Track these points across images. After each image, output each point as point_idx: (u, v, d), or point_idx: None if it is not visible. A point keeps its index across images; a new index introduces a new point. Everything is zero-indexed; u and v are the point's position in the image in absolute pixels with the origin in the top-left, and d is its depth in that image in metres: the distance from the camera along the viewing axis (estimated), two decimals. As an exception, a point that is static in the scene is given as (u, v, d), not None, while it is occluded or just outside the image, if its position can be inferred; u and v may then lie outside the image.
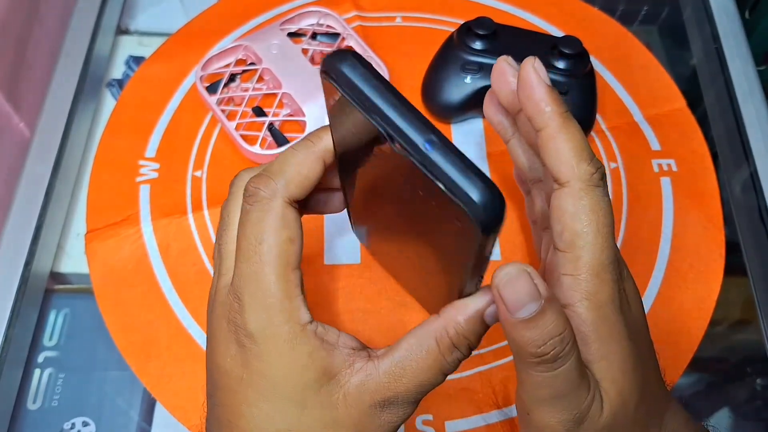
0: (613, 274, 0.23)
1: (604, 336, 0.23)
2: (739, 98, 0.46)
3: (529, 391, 0.23)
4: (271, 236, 0.22)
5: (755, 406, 0.38)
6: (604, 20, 0.51)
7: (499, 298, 0.21)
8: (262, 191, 0.23)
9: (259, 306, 0.22)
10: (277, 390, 0.22)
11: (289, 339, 0.22)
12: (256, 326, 0.22)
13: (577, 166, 0.24)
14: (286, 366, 0.22)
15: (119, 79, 0.49)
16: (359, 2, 0.51)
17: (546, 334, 0.21)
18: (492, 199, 0.18)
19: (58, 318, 0.39)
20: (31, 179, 0.42)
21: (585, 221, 0.23)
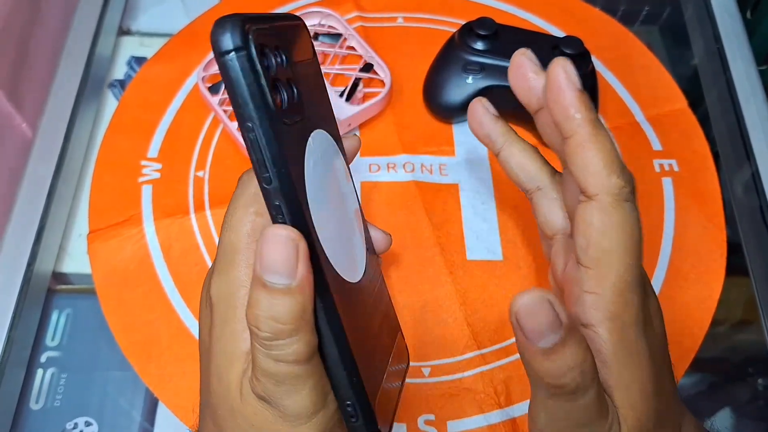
0: (639, 295, 0.22)
1: (626, 360, 0.22)
2: (741, 98, 0.46)
3: (545, 422, 0.22)
4: (239, 210, 0.23)
5: (757, 406, 0.38)
6: (605, 20, 0.51)
7: (518, 327, 0.20)
8: (245, 176, 0.25)
9: (220, 271, 0.23)
10: (214, 347, 0.23)
11: (238, 302, 0.22)
12: (216, 291, 0.23)
13: (608, 178, 0.22)
14: (229, 332, 0.23)
15: (121, 79, 0.49)
16: (361, 3, 0.51)
17: (566, 366, 0.20)
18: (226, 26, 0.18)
19: (61, 318, 0.39)
20: (33, 180, 0.42)
21: (614, 238, 0.22)
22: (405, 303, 0.38)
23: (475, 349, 0.36)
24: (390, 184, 0.42)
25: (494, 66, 0.42)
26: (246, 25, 0.18)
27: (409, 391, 0.35)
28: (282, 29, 0.21)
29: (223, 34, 0.18)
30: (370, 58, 0.46)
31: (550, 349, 0.19)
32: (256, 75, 0.18)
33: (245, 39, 0.18)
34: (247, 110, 0.18)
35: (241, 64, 0.18)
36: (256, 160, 0.19)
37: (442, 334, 0.37)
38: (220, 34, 0.18)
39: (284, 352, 0.20)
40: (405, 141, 0.44)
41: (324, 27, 0.48)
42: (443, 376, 0.36)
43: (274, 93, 0.19)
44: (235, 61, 0.18)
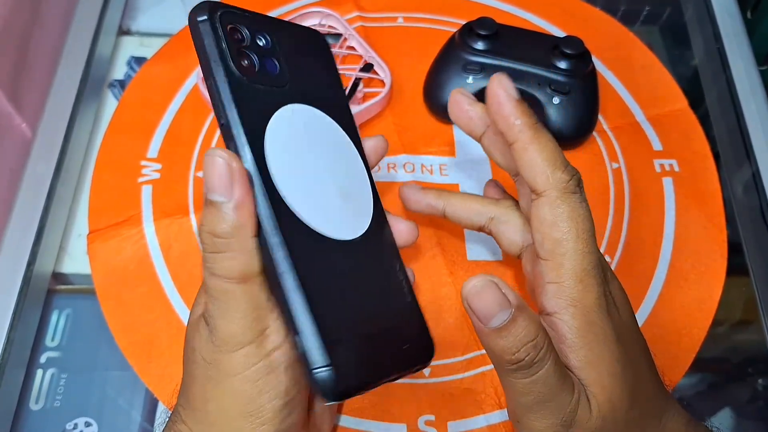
0: (597, 278, 0.24)
1: (591, 342, 0.23)
2: (741, 98, 0.46)
3: (514, 399, 0.23)
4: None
5: (757, 406, 0.38)
6: (606, 20, 0.51)
7: (470, 310, 0.22)
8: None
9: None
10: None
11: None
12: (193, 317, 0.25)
13: (552, 175, 0.24)
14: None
15: (121, 79, 0.49)
16: (361, 3, 0.51)
17: (519, 341, 0.21)
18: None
19: (60, 318, 0.39)
20: (32, 180, 0.42)
21: (564, 228, 0.24)
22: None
23: (475, 349, 0.36)
24: (390, 184, 0.42)
25: (494, 66, 0.42)
26: (214, 6, 0.24)
27: (409, 391, 0.35)
28: (268, 23, 0.27)
29: (196, 9, 0.24)
30: (370, 58, 0.46)
31: (501, 328, 0.21)
32: (216, 37, 0.23)
33: (212, 13, 0.23)
34: (206, 64, 0.23)
35: (203, 28, 0.23)
36: (214, 104, 0.24)
37: (443, 335, 0.37)
38: (194, 9, 0.24)
39: (218, 265, 0.23)
40: (405, 141, 0.44)
41: (324, 27, 0.48)
42: (444, 377, 0.36)
43: (239, 57, 0.24)
44: (198, 26, 0.23)
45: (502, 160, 0.29)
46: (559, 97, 0.41)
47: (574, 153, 0.44)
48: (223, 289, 0.23)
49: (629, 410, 0.23)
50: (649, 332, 0.37)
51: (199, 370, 0.24)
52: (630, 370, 0.24)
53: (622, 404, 0.23)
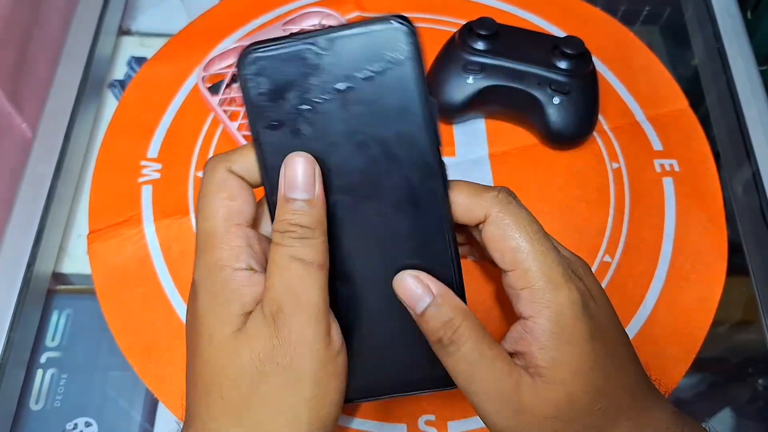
0: (566, 275, 0.24)
1: (560, 343, 0.24)
2: (741, 98, 0.46)
3: (461, 385, 0.25)
4: (210, 197, 0.25)
5: (757, 406, 0.38)
6: (606, 20, 0.51)
7: (401, 300, 0.25)
8: (208, 165, 0.26)
9: (201, 257, 0.25)
10: (199, 324, 0.25)
11: (219, 281, 0.24)
12: (198, 274, 0.25)
13: (482, 199, 0.25)
14: (210, 303, 0.25)
15: (121, 79, 0.49)
16: (361, 3, 0.51)
17: (439, 323, 0.24)
18: (398, 17, 0.23)
19: (61, 319, 0.39)
20: (33, 180, 0.42)
21: (516, 235, 0.25)
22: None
23: (475, 349, 0.36)
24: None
25: (495, 66, 0.42)
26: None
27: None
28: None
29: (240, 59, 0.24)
30: (371, 58, 0.46)
31: (424, 312, 0.25)
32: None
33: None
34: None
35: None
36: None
37: (443, 335, 0.37)
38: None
39: (301, 249, 0.24)
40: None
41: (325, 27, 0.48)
42: (444, 377, 0.36)
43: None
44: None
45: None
46: (559, 97, 0.41)
47: (574, 153, 0.44)
48: (306, 274, 0.24)
49: (592, 404, 0.24)
50: (649, 332, 0.37)
51: (245, 373, 0.24)
52: (600, 367, 0.24)
53: (583, 398, 0.24)
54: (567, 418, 0.24)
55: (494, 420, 0.25)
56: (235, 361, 0.24)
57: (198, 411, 0.25)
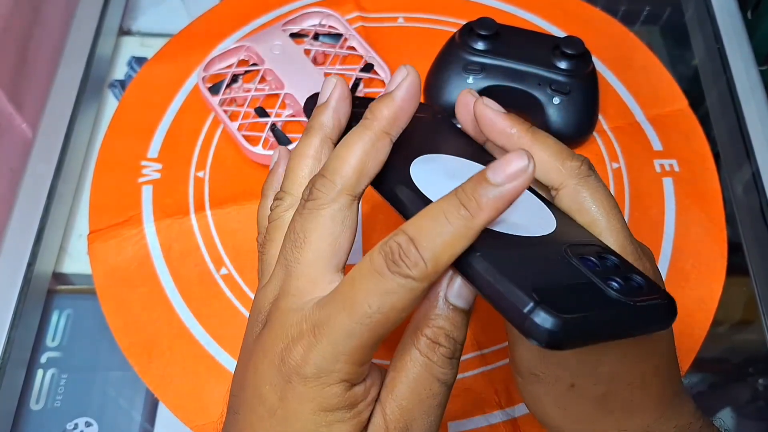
0: (636, 253, 0.24)
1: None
2: (741, 98, 0.46)
3: (509, 329, 0.25)
4: (397, 315, 0.20)
5: (757, 405, 0.38)
6: (606, 20, 0.51)
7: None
8: (410, 270, 0.20)
9: (330, 356, 0.20)
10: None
11: (338, 394, 0.21)
12: (314, 369, 0.21)
13: (563, 166, 0.24)
14: (322, 418, 0.21)
15: (121, 79, 0.49)
16: (361, 3, 0.51)
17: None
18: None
19: (61, 318, 0.39)
20: (33, 180, 0.42)
21: (592, 210, 0.24)
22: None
23: (475, 349, 0.36)
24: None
25: (495, 66, 0.42)
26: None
27: None
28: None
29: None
30: (371, 59, 0.46)
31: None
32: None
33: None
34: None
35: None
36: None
37: (443, 335, 0.37)
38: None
39: (448, 371, 0.22)
40: (405, 141, 0.44)
41: (324, 27, 0.48)
42: (444, 377, 0.36)
43: None
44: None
45: None
46: (559, 97, 0.41)
47: (574, 153, 0.44)
48: (440, 401, 0.22)
49: (631, 381, 0.24)
50: (649, 332, 0.37)
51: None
52: (645, 349, 0.25)
53: (621, 375, 0.24)
54: (587, 377, 0.24)
55: (519, 347, 0.25)
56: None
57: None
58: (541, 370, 0.25)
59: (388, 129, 0.23)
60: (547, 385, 0.25)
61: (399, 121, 0.23)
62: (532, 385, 0.26)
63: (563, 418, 0.26)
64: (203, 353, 0.37)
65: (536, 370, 0.25)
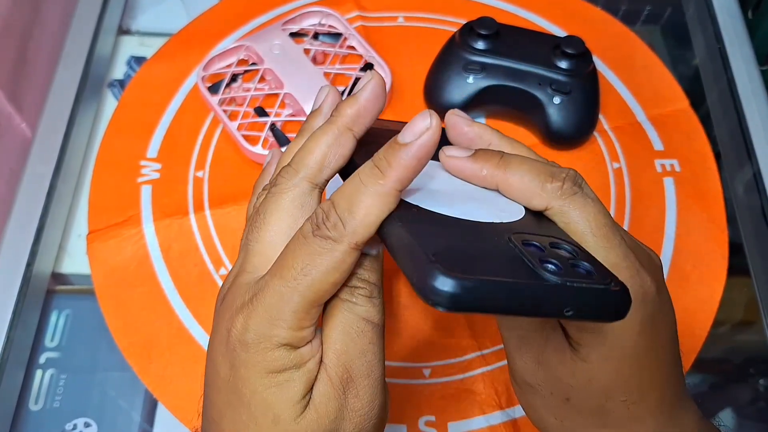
0: (630, 270, 0.24)
1: (601, 332, 0.24)
2: (742, 98, 0.46)
3: (500, 324, 0.26)
4: (319, 274, 0.21)
5: (758, 406, 0.38)
6: (607, 20, 0.51)
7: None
8: (331, 231, 0.21)
9: (266, 321, 0.22)
10: (255, 398, 0.22)
11: (281, 357, 0.22)
12: (254, 335, 0.22)
13: (543, 190, 0.24)
14: (269, 379, 0.22)
15: (121, 79, 0.49)
16: (361, 2, 0.51)
17: None
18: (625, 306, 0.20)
19: (60, 319, 0.39)
20: (32, 180, 0.42)
21: (579, 231, 0.23)
22: (406, 304, 0.38)
23: (476, 350, 0.36)
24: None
25: (495, 66, 0.42)
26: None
27: (409, 392, 0.35)
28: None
29: None
30: (371, 58, 0.46)
31: None
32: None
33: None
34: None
35: None
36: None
37: (443, 336, 0.37)
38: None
39: (371, 309, 0.23)
40: (405, 141, 0.44)
41: (324, 26, 0.48)
42: (444, 377, 0.36)
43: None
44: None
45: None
46: (559, 97, 0.41)
47: (574, 153, 0.44)
48: (372, 339, 0.23)
49: (614, 392, 0.24)
50: (650, 333, 0.37)
51: None
52: (635, 360, 0.24)
53: (604, 382, 0.24)
54: (582, 392, 0.24)
55: (516, 359, 0.26)
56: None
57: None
58: (536, 381, 0.25)
59: (351, 125, 0.24)
60: (543, 397, 0.26)
61: (361, 119, 0.24)
62: (528, 396, 0.26)
63: (560, 428, 0.26)
64: (202, 353, 0.37)
65: (532, 382, 0.25)
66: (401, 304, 0.38)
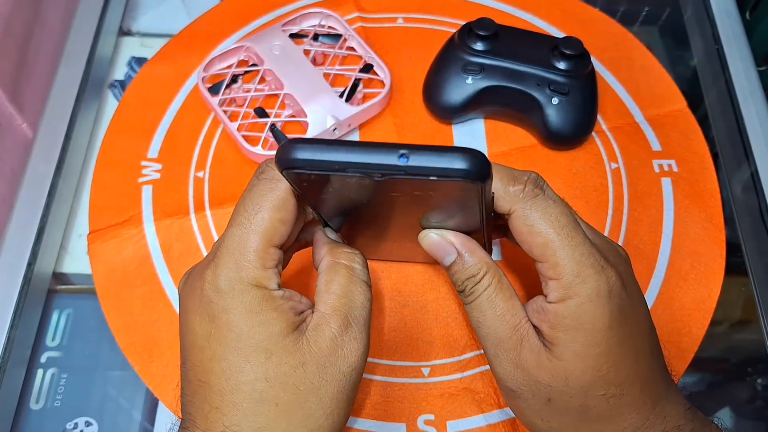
0: (595, 266, 0.25)
1: (571, 328, 0.25)
2: (740, 99, 0.46)
3: (473, 326, 0.27)
4: (267, 211, 0.24)
5: (756, 405, 0.38)
6: (605, 21, 0.52)
7: (431, 253, 0.27)
8: (273, 170, 0.25)
9: (233, 265, 0.24)
10: (243, 340, 0.24)
11: (258, 297, 0.24)
12: (226, 281, 0.24)
13: (505, 193, 0.25)
14: (251, 318, 0.24)
15: (121, 80, 0.49)
16: (361, 3, 0.51)
17: (462, 275, 0.26)
18: (475, 159, 0.21)
19: (61, 318, 0.39)
20: (33, 180, 0.42)
21: (543, 232, 0.25)
22: (405, 302, 0.38)
23: (474, 349, 0.37)
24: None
25: (494, 66, 0.42)
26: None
27: (408, 391, 0.35)
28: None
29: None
30: (370, 59, 0.46)
31: (450, 266, 0.27)
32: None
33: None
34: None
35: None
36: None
37: (442, 334, 0.37)
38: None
39: (363, 270, 0.27)
40: (405, 141, 0.44)
41: (324, 27, 0.48)
42: (443, 376, 0.36)
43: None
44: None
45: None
46: (558, 98, 0.42)
47: (573, 153, 0.44)
48: (364, 292, 0.27)
49: (592, 388, 0.25)
50: (648, 332, 0.37)
51: (308, 381, 0.25)
52: (610, 355, 0.25)
53: (582, 380, 0.25)
54: (561, 392, 0.25)
55: (494, 366, 0.27)
56: (299, 372, 0.24)
57: (240, 422, 0.24)
58: (517, 386, 0.26)
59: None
60: (526, 401, 0.26)
61: None
62: (513, 400, 0.27)
63: (548, 429, 0.27)
64: (203, 353, 0.37)
65: (513, 387, 0.26)
66: (401, 303, 0.38)
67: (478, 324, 0.27)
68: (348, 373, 0.25)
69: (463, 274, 0.26)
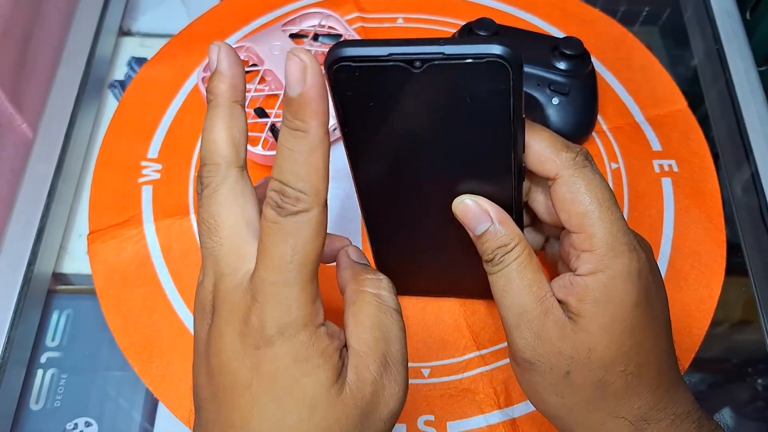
0: (629, 244, 0.25)
1: (601, 302, 0.25)
2: (740, 99, 0.46)
3: (495, 297, 0.27)
4: (310, 247, 0.22)
5: (757, 406, 0.38)
6: (605, 21, 0.52)
7: (463, 221, 0.27)
8: (295, 205, 0.22)
9: (281, 311, 0.22)
10: (288, 392, 0.22)
11: (306, 342, 0.22)
12: (273, 326, 0.22)
13: (557, 157, 0.25)
14: (298, 368, 0.22)
15: (121, 80, 0.49)
16: (361, 3, 0.51)
17: (494, 245, 0.26)
18: (508, 48, 0.22)
19: (61, 318, 0.39)
20: (33, 180, 0.42)
21: (587, 201, 0.25)
22: (405, 304, 0.38)
23: (474, 350, 0.37)
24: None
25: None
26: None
27: (409, 391, 0.35)
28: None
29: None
30: (370, 59, 0.46)
31: (482, 234, 0.26)
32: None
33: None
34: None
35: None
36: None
37: (442, 335, 0.37)
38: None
39: (393, 298, 0.27)
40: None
41: (324, 28, 0.48)
42: (443, 377, 0.36)
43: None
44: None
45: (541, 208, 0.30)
46: (558, 98, 0.41)
47: (573, 153, 0.44)
48: (398, 322, 0.26)
49: (614, 363, 0.25)
50: (648, 332, 0.37)
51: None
52: (634, 332, 0.25)
53: (605, 354, 0.25)
54: (582, 364, 0.25)
55: (514, 336, 0.26)
56: (341, 423, 0.23)
57: None
58: (536, 357, 0.26)
59: (234, 98, 0.25)
60: (542, 374, 0.26)
61: (238, 87, 0.25)
62: (528, 374, 0.27)
63: (561, 406, 0.27)
64: (203, 353, 0.37)
65: (532, 358, 0.26)
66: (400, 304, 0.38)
67: (503, 293, 0.26)
68: (388, 419, 0.24)
69: (494, 242, 0.26)
